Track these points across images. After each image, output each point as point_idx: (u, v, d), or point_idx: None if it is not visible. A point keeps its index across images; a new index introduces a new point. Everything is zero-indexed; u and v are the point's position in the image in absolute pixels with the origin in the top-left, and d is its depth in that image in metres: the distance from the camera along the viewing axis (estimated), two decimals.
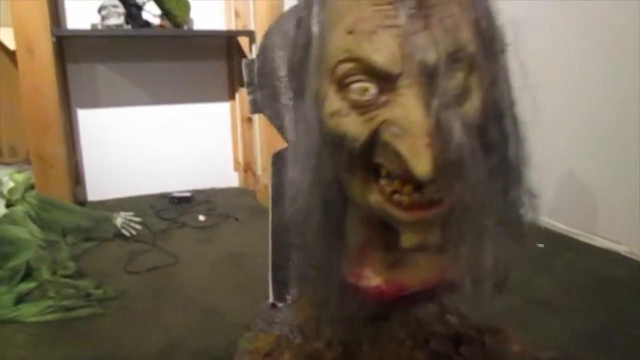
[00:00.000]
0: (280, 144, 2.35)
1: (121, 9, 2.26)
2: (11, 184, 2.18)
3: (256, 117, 2.59)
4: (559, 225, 2.12)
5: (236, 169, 2.98)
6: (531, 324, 1.37)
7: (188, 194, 2.65)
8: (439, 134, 0.46)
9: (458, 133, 0.46)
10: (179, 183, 2.77)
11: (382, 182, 0.54)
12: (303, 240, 0.63)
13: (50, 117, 2.18)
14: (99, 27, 2.28)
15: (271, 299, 1.26)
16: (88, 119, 2.61)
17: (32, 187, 2.21)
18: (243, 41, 2.66)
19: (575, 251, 1.89)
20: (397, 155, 0.48)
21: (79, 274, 1.69)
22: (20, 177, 2.25)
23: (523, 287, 1.59)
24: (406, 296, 0.60)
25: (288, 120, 1.20)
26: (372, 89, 0.50)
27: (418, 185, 0.51)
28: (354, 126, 0.51)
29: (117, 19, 2.24)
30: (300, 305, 1.03)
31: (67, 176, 2.28)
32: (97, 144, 2.64)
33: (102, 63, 2.59)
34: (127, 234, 2.03)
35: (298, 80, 0.60)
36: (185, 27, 2.47)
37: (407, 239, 0.54)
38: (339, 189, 0.58)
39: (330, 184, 0.57)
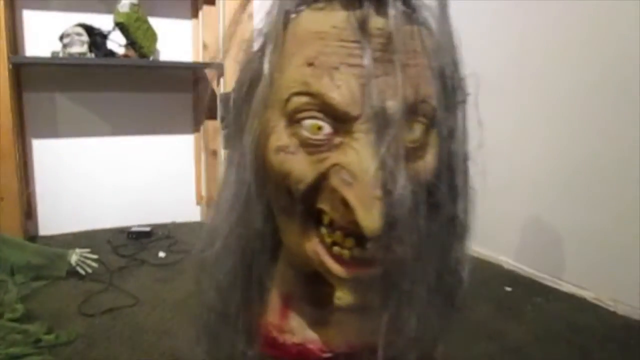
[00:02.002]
0: None
1: (85, 37, 2.19)
2: None
3: (222, 150, 2.53)
4: (525, 268, 2.13)
5: (199, 203, 2.89)
6: None
7: (147, 229, 2.54)
8: (388, 188, 0.42)
9: (404, 190, 0.42)
10: (138, 217, 2.66)
11: (323, 230, 0.49)
12: (215, 286, 0.57)
13: (3, 147, 2.06)
14: (60, 54, 2.19)
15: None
16: (44, 150, 2.49)
17: None
18: (210, 74, 2.63)
19: (543, 296, 1.89)
20: (344, 205, 0.43)
21: (27, 317, 1.57)
22: None
23: (496, 333, 1.57)
24: (329, 358, 0.55)
25: None
26: (326, 128, 0.45)
27: (359, 240, 0.46)
28: (301, 166, 0.46)
29: (80, 47, 2.17)
30: None
31: (18, 210, 2.15)
32: (52, 175, 2.52)
33: (61, 92, 2.49)
34: (82, 272, 1.91)
35: (239, 117, 0.55)
36: (151, 58, 2.42)
37: (342, 297, 0.49)
38: (268, 234, 0.54)
39: (258, 227, 0.52)
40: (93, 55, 2.24)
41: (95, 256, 1.97)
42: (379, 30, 0.44)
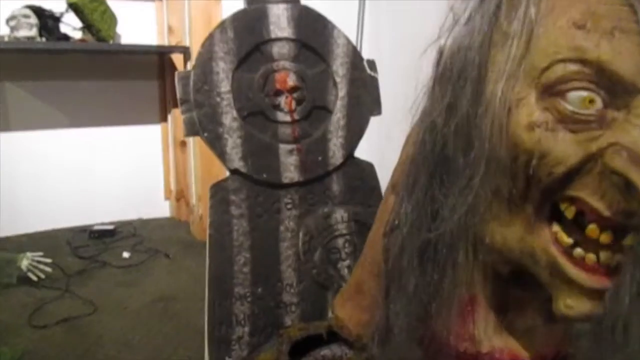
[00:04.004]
0: (221, 171, 2.07)
1: (33, 20, 1.99)
2: None
3: (191, 140, 2.36)
4: None
5: (167, 198, 2.72)
6: None
7: (111, 227, 2.37)
8: None
9: None
10: (101, 214, 2.48)
11: (556, 228, 0.43)
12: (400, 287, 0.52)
13: None
14: (6, 39, 1.99)
15: None
16: None
17: None
18: (177, 59, 2.44)
19: None
20: (622, 190, 0.38)
21: None
22: None
23: None
24: None
25: (231, 144, 1.00)
26: (598, 102, 0.39)
27: (618, 235, 0.41)
28: (563, 145, 0.40)
29: (28, 31, 1.97)
30: None
31: None
32: (6, 172, 2.31)
33: (11, 81, 2.28)
34: (34, 278, 1.73)
35: (458, 80, 0.46)
36: (111, 42, 2.23)
37: (575, 306, 0.42)
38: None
39: (482, 215, 0.45)
40: (44, 39, 2.04)
41: (48, 260, 1.79)
42: None
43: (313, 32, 1.06)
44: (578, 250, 0.42)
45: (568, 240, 0.42)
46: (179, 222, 2.59)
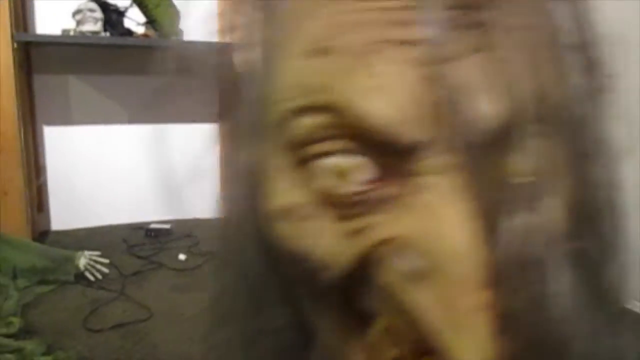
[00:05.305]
0: None
1: (99, 14, 1.97)
2: None
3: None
4: None
5: None
6: None
7: (167, 226, 2.33)
8: (510, 279, 0.22)
9: (555, 278, 0.22)
10: (158, 211, 2.45)
11: (374, 336, 0.26)
12: None
13: (6, 135, 1.86)
14: (71, 33, 1.98)
15: None
16: (56, 137, 2.30)
17: None
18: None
19: None
20: (413, 315, 0.22)
21: (26, 332, 1.37)
22: None
23: None
24: None
25: None
26: (366, 170, 0.23)
27: None
28: (327, 241, 0.24)
29: (93, 25, 1.95)
30: None
31: (24, 205, 1.95)
32: (66, 165, 2.32)
33: (75, 75, 2.29)
34: (91, 277, 1.70)
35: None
36: (174, 38, 2.19)
37: None
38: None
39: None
40: (108, 34, 2.02)
41: (106, 260, 1.77)
42: None
43: None
44: None
45: (387, 354, 0.26)
46: None
